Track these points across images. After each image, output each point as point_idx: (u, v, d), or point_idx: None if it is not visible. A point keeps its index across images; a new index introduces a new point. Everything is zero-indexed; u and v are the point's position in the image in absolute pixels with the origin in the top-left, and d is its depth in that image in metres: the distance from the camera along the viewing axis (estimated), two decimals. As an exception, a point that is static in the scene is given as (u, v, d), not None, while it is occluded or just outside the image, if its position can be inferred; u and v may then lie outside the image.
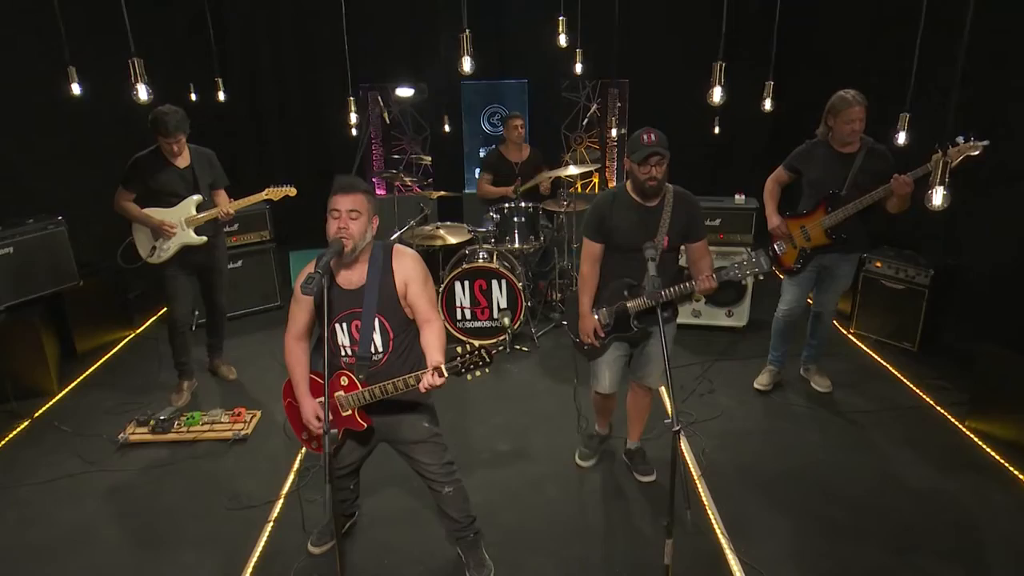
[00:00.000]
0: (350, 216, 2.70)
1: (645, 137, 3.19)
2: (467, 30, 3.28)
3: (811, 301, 4.66)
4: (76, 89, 4.27)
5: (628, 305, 3.35)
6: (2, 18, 5.22)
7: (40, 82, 5.24)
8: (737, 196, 5.60)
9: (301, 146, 8.22)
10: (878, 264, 5.29)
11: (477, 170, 7.66)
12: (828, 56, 6.79)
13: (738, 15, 7.04)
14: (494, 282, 5.42)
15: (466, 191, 7.63)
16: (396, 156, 7.85)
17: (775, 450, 4.15)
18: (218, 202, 4.65)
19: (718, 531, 3.45)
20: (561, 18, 4.67)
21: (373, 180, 7.61)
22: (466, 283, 5.42)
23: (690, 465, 3.97)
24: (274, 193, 4.70)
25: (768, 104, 3.64)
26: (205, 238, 4.59)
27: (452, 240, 5.66)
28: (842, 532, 3.45)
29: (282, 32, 7.87)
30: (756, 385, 4.78)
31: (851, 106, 4.02)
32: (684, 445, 4.11)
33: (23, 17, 5.31)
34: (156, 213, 4.46)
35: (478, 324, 5.53)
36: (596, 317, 3.45)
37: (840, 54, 6.67)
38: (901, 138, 3.48)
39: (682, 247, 3.52)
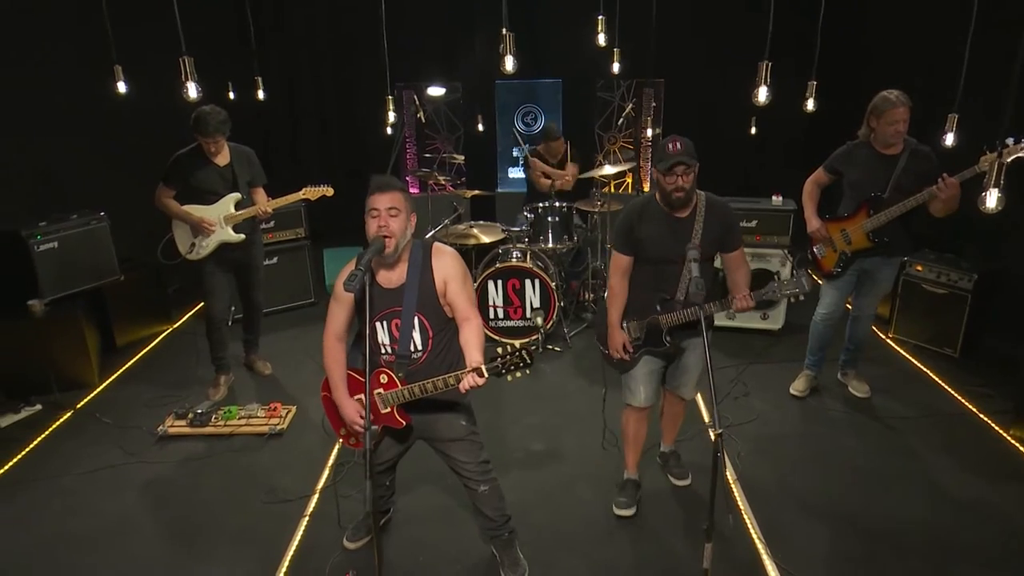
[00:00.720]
0: (389, 214, 2.71)
1: (670, 146, 3.08)
2: (507, 30, 3.28)
3: (849, 305, 4.58)
4: (122, 87, 4.35)
5: (661, 320, 3.24)
6: (48, 16, 5.33)
7: (84, 79, 5.36)
8: (774, 197, 5.53)
9: (335, 145, 8.30)
10: (919, 268, 5.19)
11: (510, 169, 7.69)
12: (869, 55, 6.69)
13: (778, 14, 7.01)
14: (527, 281, 5.42)
15: (499, 190, 7.63)
16: (428, 155, 7.89)
17: (812, 455, 4.09)
18: (256, 200, 4.71)
19: (754, 536, 3.41)
20: (600, 17, 4.65)
21: (407, 178, 7.65)
22: (499, 282, 5.43)
23: (726, 469, 3.93)
24: (311, 192, 4.75)
25: (811, 104, 3.58)
26: (243, 235, 4.65)
27: (485, 239, 5.67)
28: (881, 540, 3.39)
29: (317, 31, 7.96)
30: (792, 391, 4.72)
31: (895, 107, 3.94)
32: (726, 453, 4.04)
33: (69, 15, 5.42)
34: (195, 210, 4.53)
35: (511, 323, 5.53)
36: (626, 331, 3.35)
37: (882, 53, 6.57)
38: (949, 139, 3.41)
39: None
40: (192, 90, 3.40)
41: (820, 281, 4.54)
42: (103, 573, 3.30)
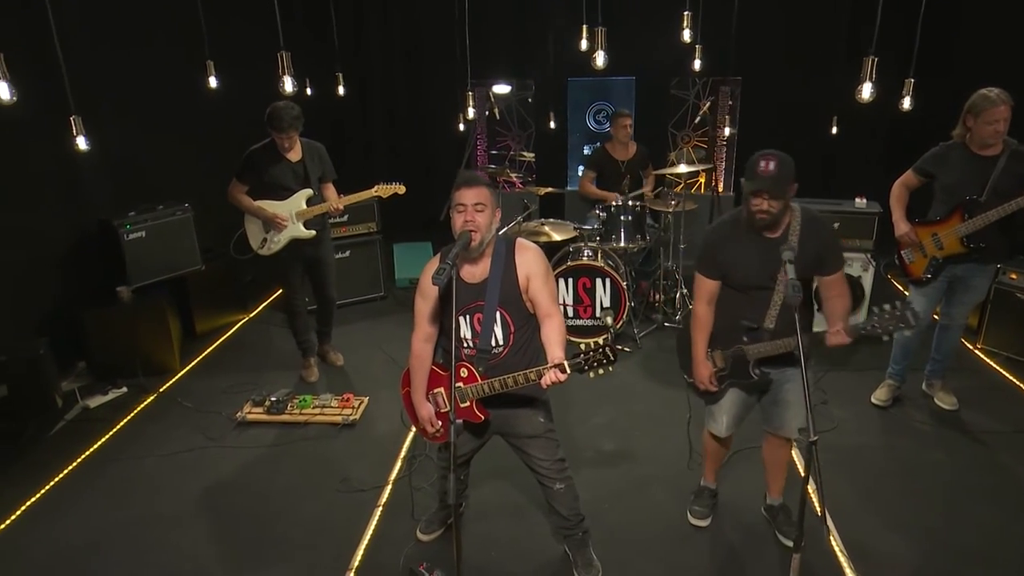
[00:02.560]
0: (476, 209, 2.72)
1: (762, 164, 2.72)
2: (594, 27, 3.25)
3: (936, 316, 4.39)
4: (213, 82, 4.47)
5: (747, 351, 2.98)
6: (143, 12, 5.53)
7: (174, 74, 5.55)
8: (858, 200, 5.34)
9: (405, 141, 8.39)
10: (1013, 276, 4.93)
11: (580, 167, 7.63)
12: (962, 50, 6.40)
13: (865, 9, 6.76)
14: (598, 280, 5.37)
15: (568, 188, 7.60)
16: (495, 152, 7.90)
17: (895, 468, 3.94)
18: (327, 196, 4.77)
19: (837, 550, 3.29)
20: (686, 13, 4.58)
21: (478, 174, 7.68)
22: (570, 280, 5.39)
23: (800, 470, 3.79)
24: (383, 190, 4.79)
25: (907, 103, 3.44)
26: (314, 232, 4.71)
27: (557, 237, 5.64)
28: (971, 558, 3.23)
29: (390, 29, 8.06)
30: (874, 400, 4.55)
31: (995, 105, 3.75)
32: (797, 456, 3.91)
33: (163, 12, 5.62)
34: (268, 206, 4.61)
35: (580, 322, 5.49)
36: (710, 360, 3.11)
37: (978, 48, 6.28)
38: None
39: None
40: (287, 84, 3.47)
41: (907, 292, 4.37)
42: (187, 552, 3.41)
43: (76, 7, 4.79)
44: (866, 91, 3.12)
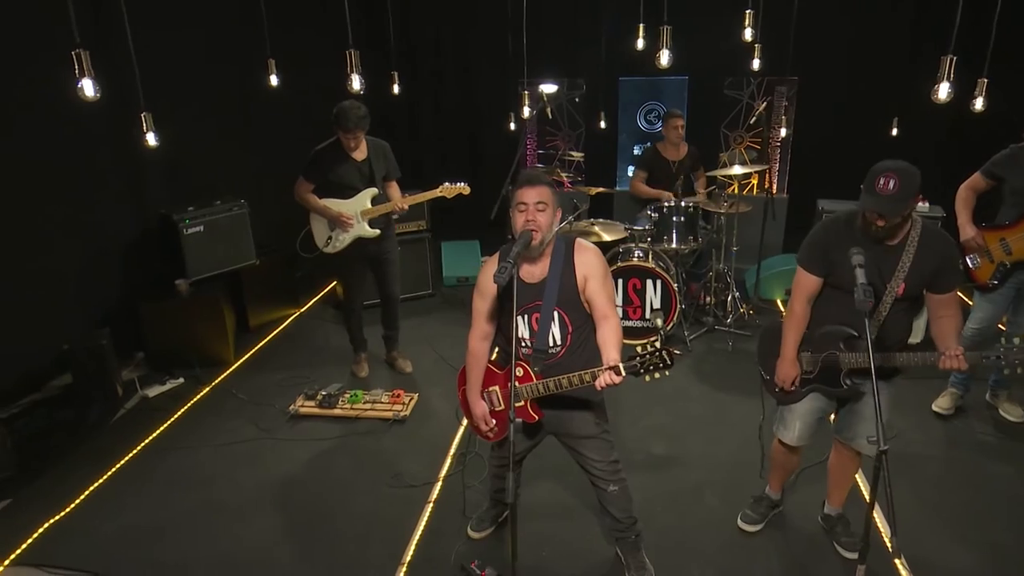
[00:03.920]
0: (537, 208, 2.71)
1: (881, 182, 2.56)
2: (655, 24, 3.22)
3: (1002, 325, 4.25)
4: (274, 80, 4.54)
5: (842, 358, 2.85)
6: (201, 12, 5.66)
7: (232, 72, 5.65)
8: (920, 203, 5.19)
9: (454, 140, 8.43)
10: (1084, 284, 4.74)
11: (630, 168, 7.57)
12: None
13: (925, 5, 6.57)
14: (649, 281, 5.32)
15: (618, 188, 7.55)
16: (541, 151, 7.89)
17: (958, 480, 3.82)
18: (390, 194, 4.78)
19: (899, 563, 3.20)
20: (748, 12, 4.50)
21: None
22: (620, 281, 5.35)
23: (862, 488, 3.71)
24: (448, 191, 4.78)
25: (980, 103, 3.32)
26: (379, 231, 4.73)
27: (607, 237, 5.60)
28: (1042, 578, 3.12)
29: (440, 30, 8.10)
30: (935, 408, 4.42)
31: (1071, 107, 3.62)
32: (861, 479, 3.78)
33: (224, 9, 5.73)
34: (334, 204, 4.64)
35: (629, 323, 5.44)
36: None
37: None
38: None
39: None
40: (356, 82, 3.50)
41: (970, 300, 4.23)
42: (242, 541, 3.47)
43: (145, 4, 4.91)
44: (943, 91, 3.02)
